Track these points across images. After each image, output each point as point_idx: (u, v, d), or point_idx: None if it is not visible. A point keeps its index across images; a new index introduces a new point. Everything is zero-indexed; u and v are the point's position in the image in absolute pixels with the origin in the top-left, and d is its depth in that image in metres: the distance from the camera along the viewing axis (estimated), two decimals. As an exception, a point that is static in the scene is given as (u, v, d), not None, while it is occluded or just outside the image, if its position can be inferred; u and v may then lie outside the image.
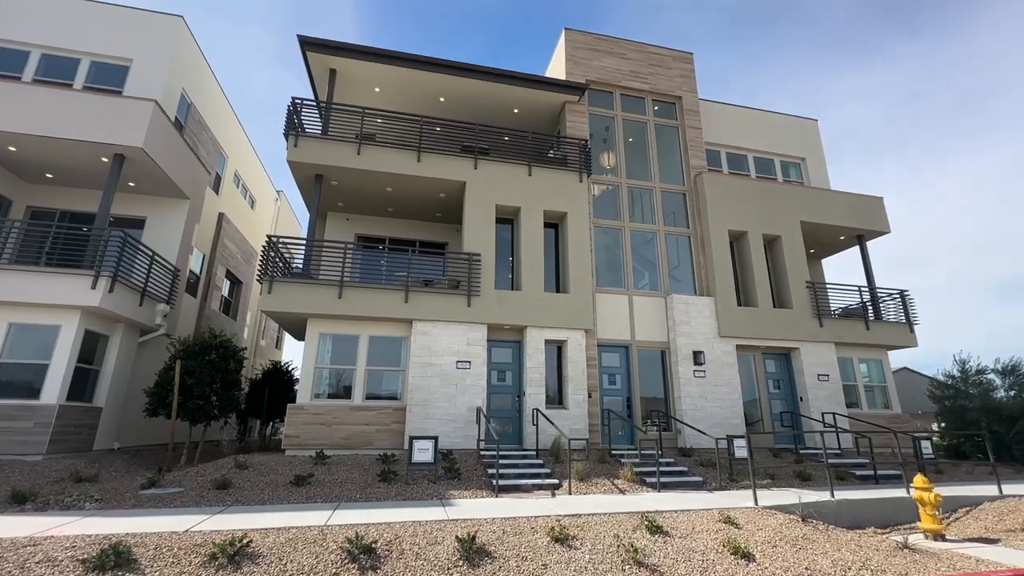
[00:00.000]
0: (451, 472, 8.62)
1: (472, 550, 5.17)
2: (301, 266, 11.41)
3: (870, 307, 14.56)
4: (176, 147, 12.16)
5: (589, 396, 11.50)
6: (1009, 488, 9.03)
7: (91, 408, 10.20)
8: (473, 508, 6.87)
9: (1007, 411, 12.61)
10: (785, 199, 14.65)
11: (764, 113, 17.03)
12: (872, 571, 5.40)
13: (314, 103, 12.44)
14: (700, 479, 9.29)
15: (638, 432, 11.48)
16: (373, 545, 5.13)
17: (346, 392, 10.57)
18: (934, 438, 14.67)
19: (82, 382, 10.08)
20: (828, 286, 14.33)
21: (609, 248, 13.45)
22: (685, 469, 9.81)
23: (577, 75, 14.24)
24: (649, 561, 5.28)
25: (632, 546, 5.40)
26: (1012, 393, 13.65)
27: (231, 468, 8.49)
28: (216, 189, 15.92)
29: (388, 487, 7.91)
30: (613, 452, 10.63)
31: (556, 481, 8.63)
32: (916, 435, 11.02)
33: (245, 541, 4.97)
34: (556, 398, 11.57)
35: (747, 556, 5.51)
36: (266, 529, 5.52)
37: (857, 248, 15.65)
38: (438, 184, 12.25)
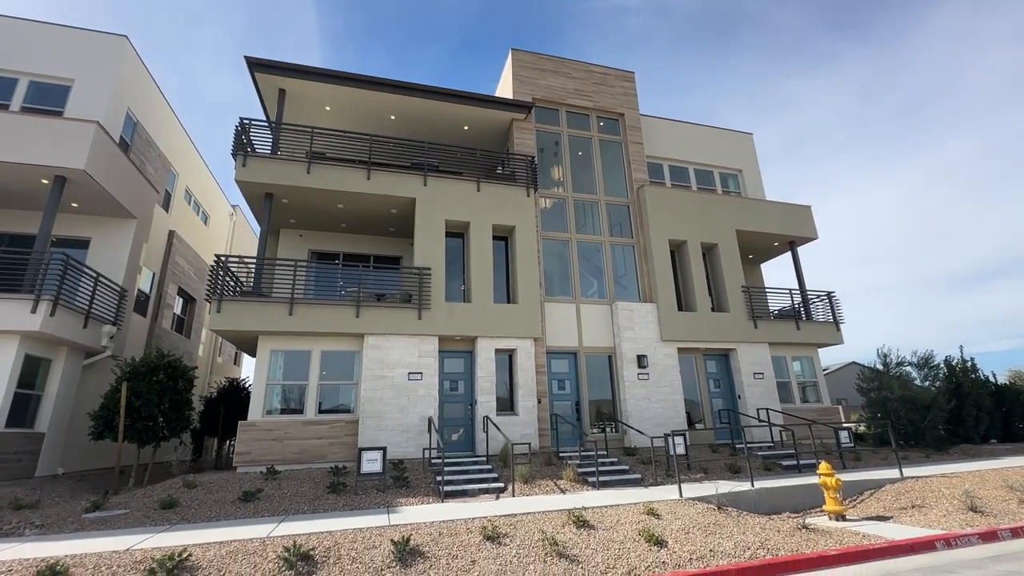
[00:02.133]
0: (400, 481, 8.94)
1: (406, 552, 5.55)
2: (252, 284, 11.52)
3: (802, 309, 15.68)
4: (121, 167, 12.11)
5: (539, 402, 12.01)
6: (911, 471, 10.00)
7: (32, 434, 10.04)
8: (416, 514, 7.23)
9: (921, 400, 13.79)
10: (722, 209, 15.64)
11: (703, 128, 18.10)
12: (769, 550, 6.05)
13: (263, 123, 12.60)
14: (639, 476, 9.90)
15: (585, 434, 12.06)
16: (311, 552, 5.44)
17: (298, 407, 10.75)
18: (860, 427, 15.89)
19: (22, 408, 9.92)
20: (761, 290, 15.35)
21: (557, 258, 14.06)
22: (627, 467, 10.42)
23: (524, 94, 14.87)
24: (570, 552, 5.77)
25: (554, 540, 5.89)
26: (927, 384, 14.92)
27: (179, 488, 8.57)
28: (166, 207, 15.77)
29: (337, 498, 8.17)
30: (560, 454, 11.16)
31: (502, 485, 9.06)
32: (836, 426, 11.99)
33: (184, 555, 5.20)
34: (507, 405, 12.02)
35: (660, 543, 6.08)
36: (207, 544, 5.74)
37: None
38: (388, 200, 12.59)
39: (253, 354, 11.96)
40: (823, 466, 8.02)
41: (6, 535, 6.62)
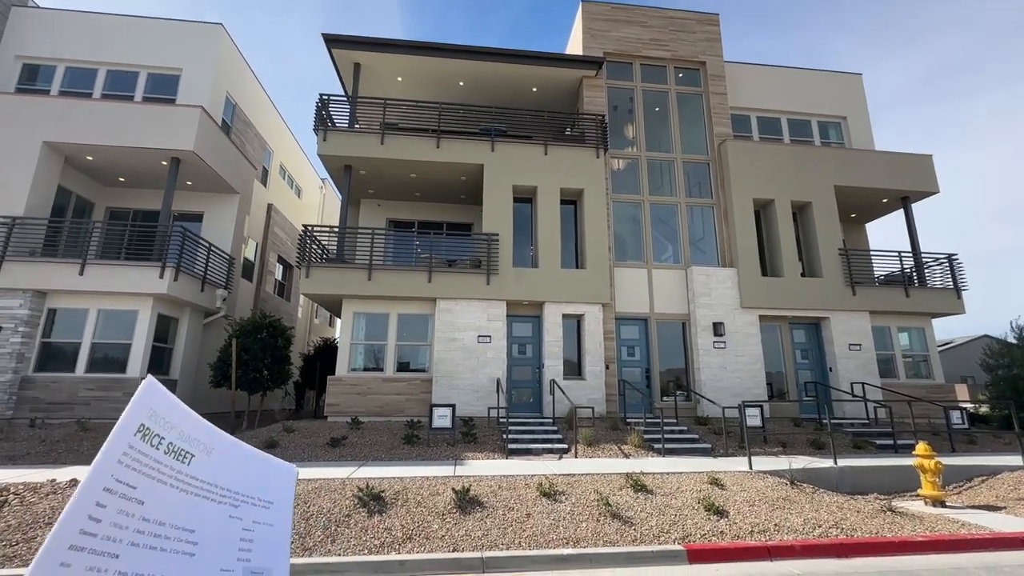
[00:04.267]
0: (468, 436, 9.46)
1: (466, 500, 5.93)
2: (336, 251, 12.44)
3: (914, 274, 13.87)
4: (223, 147, 13.43)
5: (607, 367, 11.94)
6: (1039, 458, 8.70)
7: (167, 380, 11.88)
8: (480, 467, 7.66)
9: (1063, 380, 11.81)
10: (818, 163, 14.03)
11: (800, 71, 16.14)
12: (843, 529, 5.67)
13: (342, 97, 13.24)
14: (708, 446, 9.62)
15: (654, 402, 11.85)
16: (382, 493, 6.01)
17: (379, 365, 11.64)
18: (982, 408, 14.01)
19: (159, 358, 11.74)
20: (862, 252, 13.77)
21: (629, 221, 13.57)
22: (696, 436, 10.14)
23: (595, 48, 14.15)
24: (624, 514, 5.83)
25: (608, 501, 5.96)
26: (1073, 361, 12.71)
27: (280, 432, 9.76)
28: (264, 182, 17.31)
29: (410, 449, 8.87)
30: (627, 420, 11.09)
31: (565, 446, 9.27)
32: (946, 405, 10.66)
33: (278, 488, 5.98)
34: (575, 369, 12.10)
35: (720, 512, 5.93)
36: (299, 480, 6.52)
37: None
38: (457, 168, 12.81)
39: (339, 315, 13.04)
40: (920, 446, 7.25)
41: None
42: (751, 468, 7.73)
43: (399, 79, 14.34)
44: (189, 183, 13.41)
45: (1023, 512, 6.63)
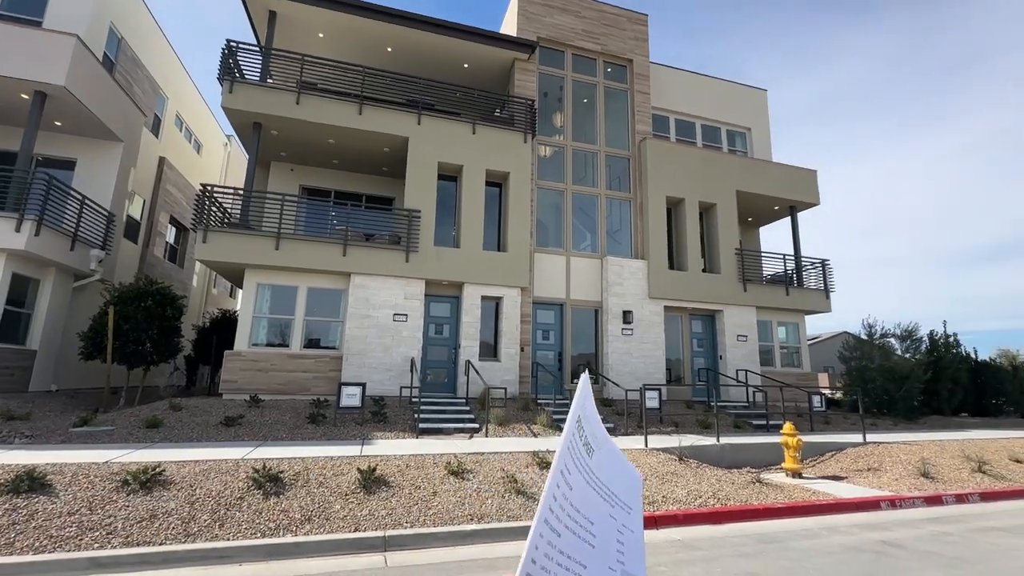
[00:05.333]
0: (378, 416, 9.25)
1: (371, 479, 5.81)
2: (240, 216, 11.42)
3: (795, 275, 15.62)
4: (104, 85, 11.68)
5: (521, 350, 12.22)
6: (875, 437, 10.31)
7: (23, 350, 10.29)
8: (389, 447, 7.53)
9: (899, 371, 14.02)
10: (724, 168, 15.23)
11: (715, 81, 17.29)
12: (720, 499, 6.34)
13: (253, 47, 12.04)
14: (611, 426, 10.23)
15: (564, 384, 12.36)
16: (280, 475, 5.70)
17: (284, 341, 10.95)
18: (837, 394, 16.25)
19: (13, 324, 10.12)
20: (754, 253, 15.24)
21: (552, 209, 13.86)
22: (602, 417, 10.69)
23: (528, 32, 14.09)
24: (529, 490, 6.05)
25: (514, 478, 6.16)
26: (907, 355, 15.12)
27: (165, 410, 8.88)
28: (155, 132, 15.36)
29: (315, 428, 8.49)
30: (538, 401, 11.48)
31: (477, 426, 9.39)
32: (809, 390, 12.26)
33: (159, 470, 5.46)
34: (490, 351, 12.24)
35: (616, 487, 6.35)
36: (184, 461, 6.00)
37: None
38: (381, 138, 12.24)
39: (241, 286, 12.05)
40: (786, 426, 8.26)
41: (-5, 442, 6.92)
42: (647, 446, 8.35)
43: (320, 35, 13.32)
44: (58, 124, 11.53)
45: (860, 481, 7.83)
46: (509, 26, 14.83)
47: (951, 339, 15.72)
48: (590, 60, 14.98)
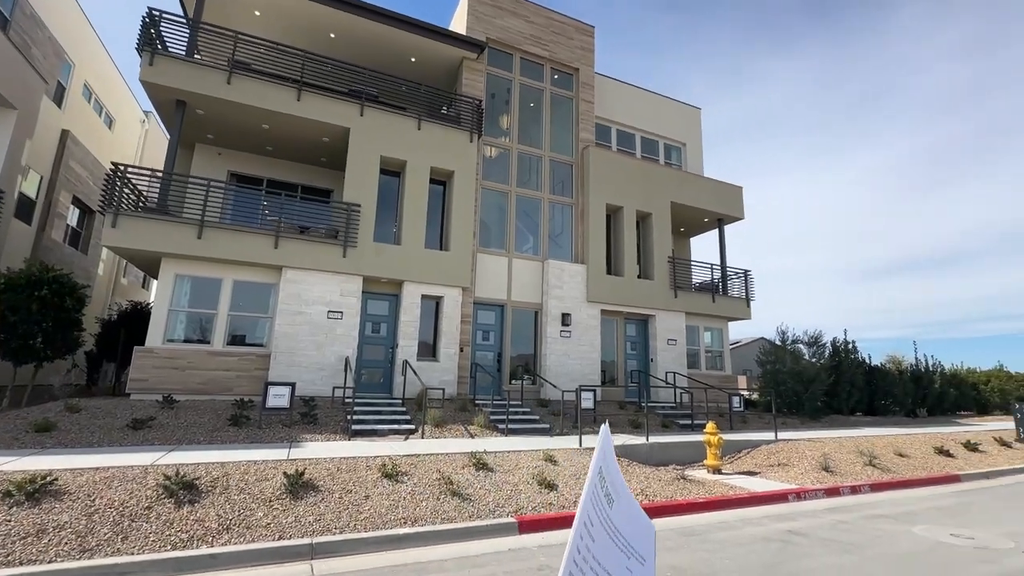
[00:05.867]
0: (308, 417, 8.83)
1: (298, 484, 5.53)
2: (158, 200, 10.48)
3: (721, 284, 16.67)
4: (-5, 45, 10.31)
5: (461, 350, 12.14)
6: (785, 435, 11.22)
7: None
8: (319, 450, 7.21)
9: (806, 374, 15.34)
10: (661, 180, 15.99)
11: (655, 96, 18.11)
12: (647, 496, 6.62)
13: (179, 17, 11.10)
14: (547, 426, 10.41)
15: (503, 385, 12.43)
16: (196, 481, 5.29)
17: (205, 337, 10.19)
18: (754, 395, 17.49)
19: None
20: (685, 262, 16.12)
21: (495, 210, 13.90)
22: (537, 417, 10.90)
23: (478, 31, 14.05)
24: (464, 491, 6.01)
25: (451, 479, 6.10)
26: (814, 360, 16.59)
27: (60, 411, 7.98)
28: (58, 102, 13.77)
29: (237, 431, 7.96)
30: (476, 402, 11.45)
31: (413, 427, 9.21)
32: (730, 392, 13.14)
33: (49, 479, 4.88)
34: (429, 351, 12.06)
35: (551, 486, 6.48)
36: (81, 469, 5.41)
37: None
38: (320, 127, 11.72)
39: (156, 276, 11.07)
40: (709, 426, 8.79)
41: None
42: (581, 445, 8.58)
43: (256, 13, 12.54)
44: (-66, 83, 10.04)
45: (771, 476, 8.48)
46: (459, 24, 14.72)
47: (850, 346, 17.44)
48: (538, 65, 15.19)
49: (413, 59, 13.93)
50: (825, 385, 15.25)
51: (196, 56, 11.34)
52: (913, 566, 4.67)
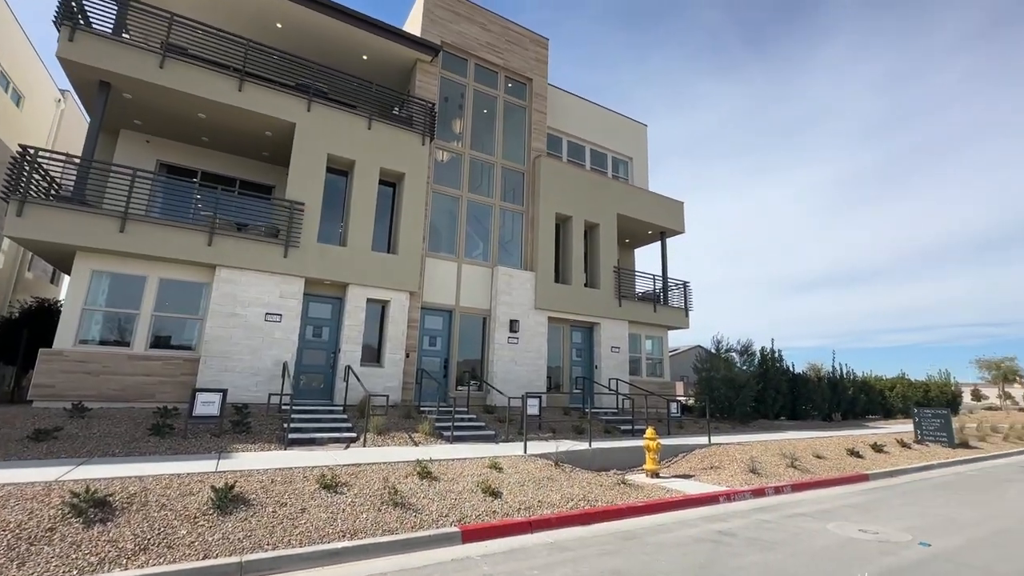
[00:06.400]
0: (241, 426, 8.33)
1: (227, 499, 5.20)
2: (74, 189, 9.57)
3: (662, 294, 17.39)
4: None
5: (407, 356, 11.92)
6: (718, 439, 11.83)
7: None
8: (252, 460, 6.82)
9: (738, 381, 16.30)
10: (608, 192, 16.50)
11: (605, 111, 18.70)
12: (589, 501, 6.76)
13: (106, -8, 10.26)
14: (493, 433, 10.41)
15: (449, 391, 12.31)
16: (109, 498, 4.85)
17: (124, 338, 9.39)
18: (690, 401, 18.33)
19: None
20: (629, 272, 16.70)
21: (446, 214, 13.81)
22: (483, 424, 10.87)
23: (433, 34, 13.96)
24: (407, 501, 5.89)
25: (394, 489, 5.95)
26: (744, 367, 17.65)
27: (-56, 421, 7.07)
28: (-45, 72, 12.30)
29: (160, 441, 7.38)
30: (421, 409, 11.27)
31: (354, 435, 8.92)
32: (669, 398, 13.71)
33: (-71, 500, 4.31)
34: (374, 356, 11.75)
35: (495, 494, 6.47)
36: (-31, 487, 4.82)
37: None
38: (263, 120, 11.18)
39: (69, 272, 10.10)
40: (648, 431, 9.11)
41: None
42: (526, 452, 8.64)
43: (196, -5, 11.81)
44: None
45: (705, 478, 8.91)
46: (413, 26, 14.55)
47: (776, 354, 18.71)
48: (492, 73, 15.28)
49: (365, 57, 13.62)
50: (754, 391, 16.25)
51: (125, 36, 10.52)
52: (826, 562, 5.05)
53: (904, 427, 17.14)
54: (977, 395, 42.48)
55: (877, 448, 12.12)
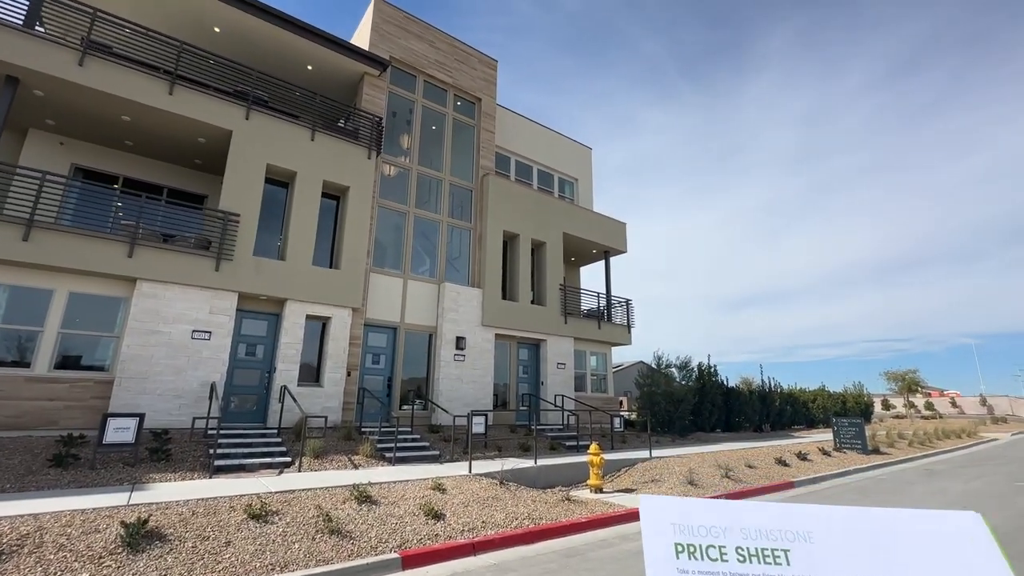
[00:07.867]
0: (159, 453, 7.65)
1: (140, 535, 4.74)
2: (-32, 192, 8.59)
3: (606, 311, 17.88)
4: None
5: (348, 374, 11.48)
6: (659, 452, 12.20)
7: None
8: (171, 492, 6.27)
9: (677, 395, 16.96)
10: (555, 211, 16.89)
11: (552, 133, 19.25)
12: (534, 520, 6.73)
13: (18, -19, 9.44)
14: (437, 452, 10.18)
15: (392, 411, 11.95)
16: (-6, 541, 4.29)
17: (23, 358, 8.43)
18: (633, 415, 18.82)
19: None
20: (575, 290, 17.08)
21: (392, 230, 13.58)
22: (427, 444, 10.61)
23: (382, 49, 13.87)
24: (344, 528, 5.61)
25: (329, 516, 5.66)
26: (683, 382, 18.40)
27: None
28: None
29: (61, 474, 6.63)
30: (362, 429, 10.85)
31: (289, 459, 8.43)
32: (612, 413, 14.01)
33: None
34: (312, 375, 11.23)
35: (438, 516, 6.31)
36: None
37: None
38: (196, 126, 10.59)
39: (-42, 285, 8.98)
40: (592, 447, 9.25)
41: None
42: (471, 472, 8.50)
43: (124, -8, 11.12)
44: None
45: (646, 491, 9.13)
46: (361, 39, 14.40)
47: (712, 369, 19.65)
48: (441, 90, 15.36)
49: (310, 67, 13.30)
50: (692, 405, 16.96)
51: (39, 28, 9.70)
52: (757, 567, 5.29)
53: (825, 436, 18.42)
54: (887, 404, 46.45)
55: (802, 456, 12.93)
